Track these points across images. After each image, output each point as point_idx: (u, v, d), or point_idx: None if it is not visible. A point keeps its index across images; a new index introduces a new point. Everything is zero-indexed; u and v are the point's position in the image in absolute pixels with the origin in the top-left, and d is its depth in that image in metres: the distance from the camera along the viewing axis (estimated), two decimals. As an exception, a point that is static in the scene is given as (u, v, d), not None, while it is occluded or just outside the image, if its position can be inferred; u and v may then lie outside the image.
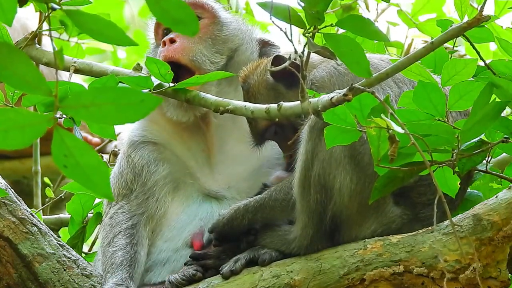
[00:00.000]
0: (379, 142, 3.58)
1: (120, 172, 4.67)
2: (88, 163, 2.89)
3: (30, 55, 4.47)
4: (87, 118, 2.87)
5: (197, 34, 4.60)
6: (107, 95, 2.83)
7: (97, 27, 2.96)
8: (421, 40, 5.69)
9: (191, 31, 2.97)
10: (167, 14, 2.94)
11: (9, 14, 2.97)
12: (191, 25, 2.96)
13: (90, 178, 2.92)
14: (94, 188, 2.93)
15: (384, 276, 4.00)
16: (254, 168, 4.66)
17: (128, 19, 8.44)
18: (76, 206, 4.92)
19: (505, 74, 3.90)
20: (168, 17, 2.95)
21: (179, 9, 2.93)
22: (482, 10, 3.61)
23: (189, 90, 4.28)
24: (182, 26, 2.96)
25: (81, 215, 4.93)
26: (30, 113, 2.87)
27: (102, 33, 2.98)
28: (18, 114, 2.85)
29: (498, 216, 3.94)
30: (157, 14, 2.95)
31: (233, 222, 4.26)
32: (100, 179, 2.92)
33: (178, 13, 2.93)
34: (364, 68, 3.56)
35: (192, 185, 4.66)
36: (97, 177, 2.92)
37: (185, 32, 2.97)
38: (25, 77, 2.83)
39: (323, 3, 3.53)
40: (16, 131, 2.86)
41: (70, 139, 2.89)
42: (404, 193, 4.11)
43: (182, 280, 4.26)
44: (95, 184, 2.93)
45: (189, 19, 2.95)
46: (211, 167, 4.70)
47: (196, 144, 4.73)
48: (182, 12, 2.93)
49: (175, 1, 2.91)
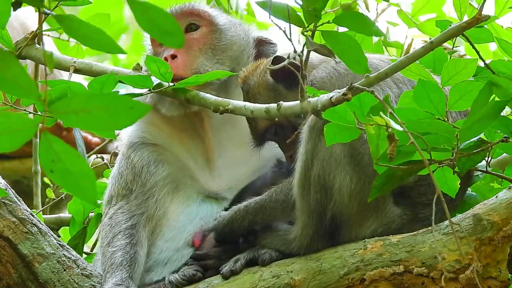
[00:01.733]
0: (378, 140, 3.59)
1: (119, 172, 4.68)
2: (76, 168, 2.90)
3: (30, 55, 4.47)
4: (76, 123, 2.89)
5: (196, 45, 4.66)
6: (97, 101, 2.84)
7: (87, 33, 2.97)
8: (421, 40, 5.69)
9: (177, 43, 2.97)
10: (154, 26, 2.95)
11: (3, 17, 2.97)
12: (176, 37, 2.96)
13: (77, 183, 2.92)
14: (80, 194, 2.94)
15: (384, 276, 4.00)
16: (254, 169, 4.66)
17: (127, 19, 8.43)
18: (77, 206, 4.93)
19: (505, 74, 3.90)
20: (155, 28, 2.95)
21: (165, 20, 2.93)
22: (481, 9, 3.61)
23: (189, 90, 4.28)
24: (168, 37, 2.97)
25: (82, 216, 4.94)
26: (19, 116, 2.88)
27: (92, 40, 2.99)
28: (7, 118, 2.86)
29: (498, 216, 3.94)
30: (144, 25, 2.95)
31: (233, 223, 4.26)
32: (87, 185, 2.92)
33: (164, 24, 2.94)
34: (362, 66, 3.56)
35: (191, 186, 4.66)
36: (84, 183, 2.92)
37: (171, 44, 2.98)
38: (16, 81, 2.84)
39: (321, 0, 3.53)
40: (5, 134, 2.87)
41: (57, 144, 2.90)
42: (404, 193, 4.12)
43: (182, 280, 4.27)
44: (82, 190, 2.93)
45: (174, 31, 2.95)
46: (211, 169, 4.70)
47: (195, 146, 4.73)
48: (168, 23, 2.93)
49: (161, 13, 2.92)
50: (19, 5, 3.05)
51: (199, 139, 4.73)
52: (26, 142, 2.95)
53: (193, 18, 4.73)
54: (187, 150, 4.71)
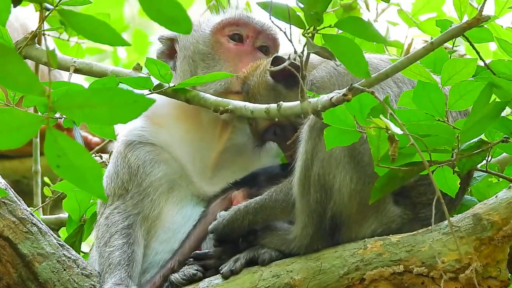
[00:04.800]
0: (379, 142, 3.58)
1: (115, 172, 4.65)
2: (82, 164, 2.90)
3: (30, 55, 4.47)
4: (81, 118, 2.89)
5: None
6: (101, 96, 2.84)
7: (91, 28, 2.97)
8: (421, 40, 5.69)
9: (185, 29, 2.97)
10: (161, 14, 2.95)
11: (3, 14, 2.97)
12: (184, 24, 2.96)
13: (84, 178, 2.93)
14: (88, 189, 2.94)
15: (384, 275, 4.00)
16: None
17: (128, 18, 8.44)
18: (72, 204, 4.90)
19: (505, 74, 3.90)
20: (162, 16, 2.95)
21: (172, 8, 2.93)
22: (482, 10, 3.61)
23: (189, 90, 4.28)
24: (176, 25, 2.97)
25: (78, 213, 4.92)
26: (23, 114, 2.88)
27: (96, 34, 2.99)
28: (11, 115, 2.86)
29: (498, 216, 3.94)
30: (151, 14, 2.95)
31: (233, 223, 4.26)
32: (94, 179, 2.93)
33: (171, 12, 2.94)
34: (363, 69, 3.56)
35: (187, 188, 4.65)
36: (91, 178, 2.93)
37: (179, 31, 2.99)
38: (19, 78, 2.84)
39: (322, 4, 3.53)
40: (10, 132, 2.87)
41: (63, 140, 2.90)
42: (404, 193, 4.11)
43: (182, 280, 4.27)
44: (89, 185, 2.94)
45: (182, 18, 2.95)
46: (208, 173, 4.70)
47: (199, 150, 4.71)
48: (175, 11, 2.93)
49: (167, 0, 2.92)
50: (19, 1, 3.05)
51: (207, 145, 4.72)
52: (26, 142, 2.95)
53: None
54: (187, 152, 4.70)
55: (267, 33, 4.75)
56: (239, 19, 4.75)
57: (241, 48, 4.70)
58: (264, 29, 4.74)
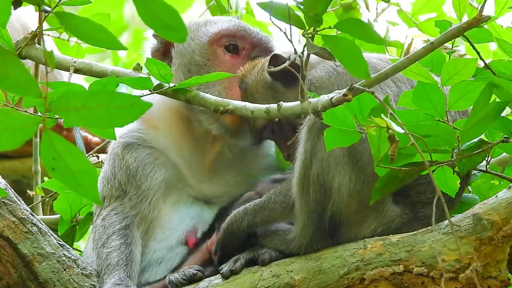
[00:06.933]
0: (379, 142, 3.58)
1: (112, 173, 4.64)
2: (77, 167, 2.90)
3: (30, 55, 4.47)
4: (78, 121, 2.89)
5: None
6: (98, 99, 2.84)
7: (88, 31, 2.97)
8: (421, 40, 5.69)
9: (179, 38, 2.97)
10: (157, 20, 2.94)
11: (4, 16, 2.97)
12: (179, 32, 2.96)
13: (79, 182, 2.92)
14: (82, 192, 2.94)
15: (384, 275, 4.00)
16: (248, 178, 4.68)
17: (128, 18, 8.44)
18: (63, 204, 4.88)
19: (505, 74, 3.90)
20: (157, 22, 2.95)
21: (168, 15, 2.93)
22: (482, 10, 3.61)
23: (189, 90, 4.28)
24: (171, 32, 2.96)
25: (70, 214, 4.91)
26: (20, 115, 2.88)
27: (92, 37, 2.98)
28: (8, 116, 2.86)
29: (498, 216, 3.94)
30: (146, 19, 2.95)
31: (233, 226, 4.25)
32: (89, 183, 2.92)
33: (167, 19, 2.93)
34: (362, 70, 3.56)
35: (184, 190, 4.66)
36: (85, 181, 2.92)
37: (174, 39, 2.98)
38: (16, 79, 2.84)
39: (322, 5, 3.53)
40: (7, 132, 2.87)
41: (59, 142, 2.90)
42: (404, 192, 4.11)
43: (182, 280, 4.27)
44: (84, 188, 2.93)
45: (177, 26, 2.95)
46: (205, 175, 4.70)
47: (194, 155, 4.72)
48: (171, 18, 2.93)
49: (164, 7, 2.91)
50: (19, 3, 3.05)
51: (199, 152, 4.73)
52: (26, 142, 2.95)
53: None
54: (182, 156, 4.70)
55: (264, 46, 4.77)
56: (236, 31, 4.76)
57: (236, 61, 4.71)
58: (261, 43, 4.76)
